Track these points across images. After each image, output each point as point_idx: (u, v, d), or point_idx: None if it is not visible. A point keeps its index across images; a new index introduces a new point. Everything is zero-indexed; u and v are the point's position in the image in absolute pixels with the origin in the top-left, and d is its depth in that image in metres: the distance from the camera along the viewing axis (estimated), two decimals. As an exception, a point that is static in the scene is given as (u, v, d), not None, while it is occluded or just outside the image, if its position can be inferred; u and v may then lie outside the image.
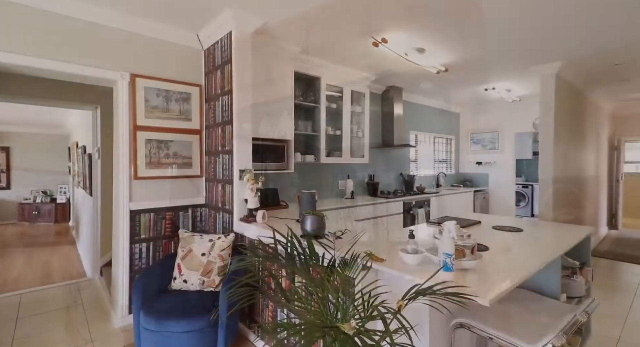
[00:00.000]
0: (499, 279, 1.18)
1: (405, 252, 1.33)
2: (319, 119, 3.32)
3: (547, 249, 1.59)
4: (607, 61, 3.26)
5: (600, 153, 5.46)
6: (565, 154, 3.84)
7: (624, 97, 4.97)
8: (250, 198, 2.20)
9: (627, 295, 2.92)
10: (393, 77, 3.91)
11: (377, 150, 4.47)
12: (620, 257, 4.10)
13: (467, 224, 2.14)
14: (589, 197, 4.78)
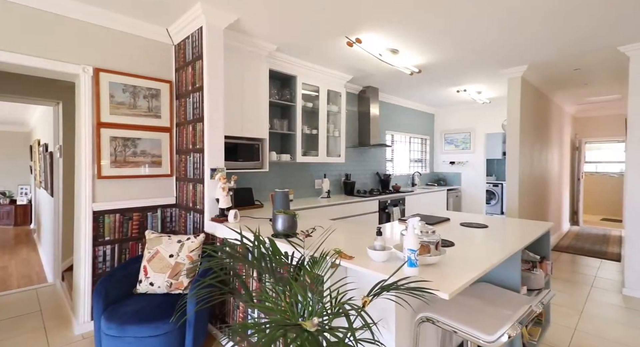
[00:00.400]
0: (460, 273, 1.22)
1: (372, 250, 1.34)
2: (295, 117, 3.30)
3: (509, 244, 1.66)
4: (567, 66, 3.46)
5: (563, 153, 5.79)
6: (531, 154, 4.04)
7: (584, 101, 5.30)
8: (222, 197, 2.15)
9: (585, 287, 3.11)
10: (369, 77, 3.96)
11: (353, 150, 4.52)
12: (579, 252, 4.37)
13: (436, 221, 2.20)
14: (552, 195, 5.06)
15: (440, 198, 5.36)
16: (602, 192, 7.25)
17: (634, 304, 2.72)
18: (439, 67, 3.51)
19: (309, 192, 3.90)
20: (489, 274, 1.82)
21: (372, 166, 4.89)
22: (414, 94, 4.92)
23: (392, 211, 4.18)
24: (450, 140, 6.14)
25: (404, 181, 5.62)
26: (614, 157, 7.09)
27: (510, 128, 3.67)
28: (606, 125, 6.62)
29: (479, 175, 5.77)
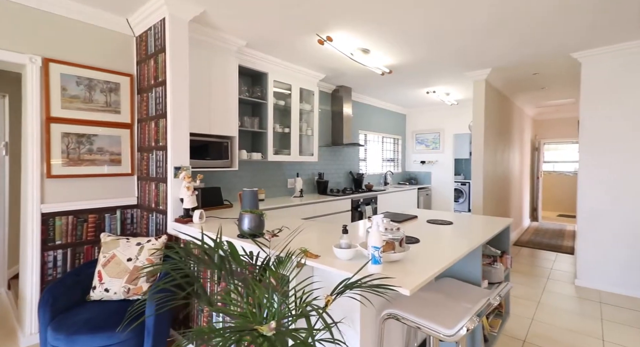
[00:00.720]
0: (423, 269, 1.23)
1: (338, 248, 1.33)
2: (266, 115, 3.24)
3: (470, 239, 1.72)
4: (527, 71, 3.66)
5: (524, 153, 6.14)
6: (494, 154, 4.24)
7: (543, 104, 5.64)
8: (186, 197, 2.06)
9: (542, 279, 3.31)
10: (342, 76, 3.98)
11: (326, 149, 4.52)
12: (538, 246, 4.65)
13: (404, 219, 2.24)
14: (514, 192, 5.35)
15: (411, 196, 5.50)
16: (558, 190, 7.77)
17: (584, 294, 2.92)
18: (409, 68, 3.59)
19: (282, 192, 3.85)
20: (453, 269, 1.87)
21: (346, 165, 4.92)
22: (387, 94, 5.00)
23: (364, 210, 4.23)
24: (421, 140, 6.32)
25: (377, 180, 5.71)
26: (569, 157, 7.62)
27: (476, 129, 3.83)
28: (562, 127, 7.10)
29: (447, 174, 5.98)
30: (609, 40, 2.79)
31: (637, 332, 2.24)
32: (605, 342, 2.10)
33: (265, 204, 3.07)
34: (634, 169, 2.84)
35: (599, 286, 3.02)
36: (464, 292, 1.57)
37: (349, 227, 2.05)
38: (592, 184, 3.06)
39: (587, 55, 3.02)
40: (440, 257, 1.39)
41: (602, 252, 3.01)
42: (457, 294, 1.54)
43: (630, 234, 2.87)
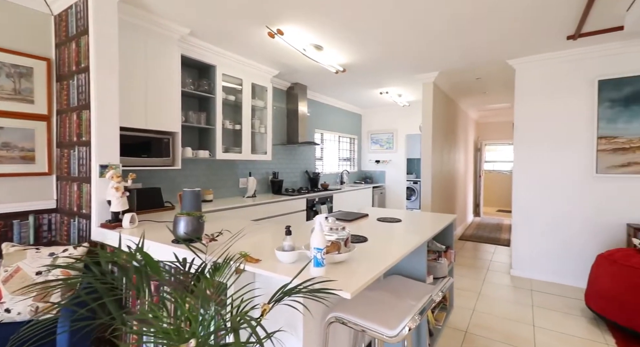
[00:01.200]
0: (368, 269, 1.20)
1: (280, 250, 1.25)
2: (214, 111, 3.04)
3: (416, 236, 1.74)
4: (470, 75, 3.89)
5: (468, 154, 6.59)
6: (441, 154, 4.47)
7: (484, 108, 6.10)
8: (114, 199, 1.83)
9: (483, 270, 3.54)
10: (296, 73, 3.89)
11: (281, 148, 4.41)
12: (479, 240, 5.00)
13: (355, 218, 2.22)
14: (459, 190, 5.71)
15: (366, 195, 5.60)
16: (497, 187, 8.50)
17: (518, 283, 3.18)
18: (363, 68, 3.62)
19: (233, 192, 3.66)
20: (400, 266, 1.89)
21: (302, 164, 4.85)
22: (342, 93, 5.03)
23: (319, 209, 4.19)
24: (375, 140, 6.48)
25: (333, 179, 5.73)
26: (506, 158, 8.37)
27: (425, 129, 3.99)
28: (500, 130, 7.77)
29: (400, 173, 6.20)
30: (538, 50, 3.06)
31: (561, 316, 2.47)
32: (535, 328, 2.29)
33: (214, 205, 2.88)
34: (559, 168, 3.16)
35: (531, 274, 3.31)
36: (410, 289, 1.58)
37: (302, 227, 1.98)
38: (524, 181, 3.35)
39: (520, 62, 3.28)
40: (386, 256, 1.38)
41: (533, 244, 3.30)
42: (402, 291, 1.55)
43: (556, 228, 3.18)
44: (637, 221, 2.81)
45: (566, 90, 3.10)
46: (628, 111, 2.81)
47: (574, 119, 3.06)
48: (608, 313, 2.22)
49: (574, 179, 3.08)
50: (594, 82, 2.94)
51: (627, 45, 2.79)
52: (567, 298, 2.79)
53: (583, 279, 3.05)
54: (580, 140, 3.04)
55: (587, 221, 3.02)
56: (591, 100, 2.98)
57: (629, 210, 2.84)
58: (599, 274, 2.36)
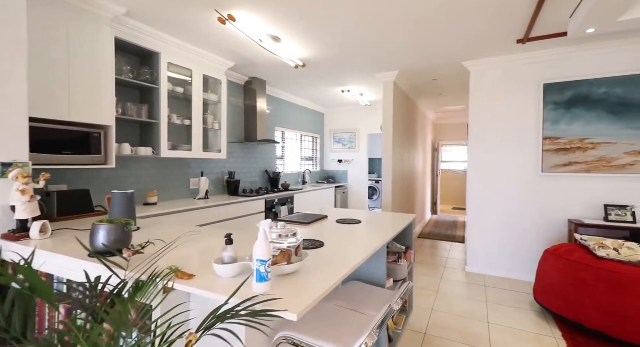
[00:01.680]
0: (321, 280, 1.06)
1: (219, 263, 1.06)
2: (158, 103, 2.73)
3: (376, 238, 1.64)
4: (427, 76, 3.95)
5: (426, 153, 6.80)
6: (401, 154, 4.51)
7: (441, 109, 6.31)
8: (19, 204, 1.50)
9: (440, 268, 3.61)
10: (254, 67, 3.66)
11: (239, 146, 4.15)
12: (437, 237, 5.15)
13: (313, 220, 2.08)
14: (418, 189, 5.85)
15: (328, 195, 5.51)
16: (452, 186, 8.92)
17: (472, 279, 3.26)
18: (323, 64, 3.50)
19: (183, 193, 3.34)
20: (359, 270, 1.78)
21: (261, 164, 4.62)
22: (303, 90, 4.88)
23: (279, 210, 4.01)
24: (338, 139, 6.42)
25: (295, 178, 5.56)
26: (461, 157, 8.80)
27: (385, 128, 3.98)
28: (456, 131, 8.15)
29: (362, 172, 6.21)
30: (491, 53, 3.16)
31: (512, 311, 2.54)
32: (489, 325, 2.32)
33: (158, 209, 2.57)
34: (509, 167, 3.29)
35: (485, 270, 3.42)
36: (369, 297, 1.47)
37: (252, 231, 1.78)
38: (478, 180, 3.45)
39: (474, 64, 3.38)
40: (344, 262, 1.25)
41: (486, 241, 3.42)
42: (361, 300, 1.43)
43: (507, 225, 3.32)
44: (576, 217, 3.01)
45: (516, 92, 3.24)
46: (569, 113, 2.99)
47: (523, 120, 3.21)
48: (554, 306, 2.32)
49: (523, 178, 3.23)
50: (540, 85, 3.10)
51: (569, 51, 2.97)
52: (517, 292, 2.91)
53: (532, 273, 3.21)
54: (529, 141, 3.19)
55: (535, 218, 3.18)
56: (537, 102, 3.14)
57: (570, 206, 3.03)
58: (545, 269, 2.46)
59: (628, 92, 2.78)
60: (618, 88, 2.81)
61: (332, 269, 1.18)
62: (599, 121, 2.89)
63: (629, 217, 2.71)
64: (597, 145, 2.89)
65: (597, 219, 2.92)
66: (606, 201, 2.90)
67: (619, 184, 2.85)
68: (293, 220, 2.05)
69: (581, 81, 2.93)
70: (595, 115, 2.90)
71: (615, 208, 2.78)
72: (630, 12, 2.05)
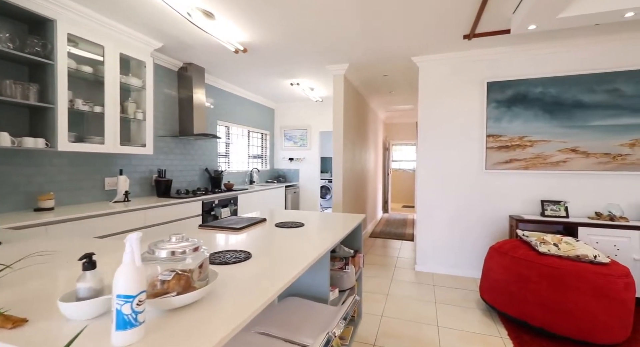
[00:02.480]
0: (236, 310, 0.76)
1: (69, 300, 0.71)
2: (54, 83, 2.18)
3: (319, 244, 1.39)
4: (378, 71, 3.84)
5: (378, 152, 6.81)
6: (353, 152, 4.36)
7: (391, 108, 6.35)
8: None
9: (390, 268, 3.51)
10: (189, 50, 3.21)
11: (172, 140, 3.64)
12: (388, 236, 5.12)
13: (248, 224, 1.76)
14: (370, 188, 5.79)
15: (278, 195, 5.19)
16: (403, 185, 9.15)
17: (422, 279, 3.20)
18: (268, 51, 3.18)
19: (96, 196, 2.78)
20: (299, 283, 1.52)
21: (200, 161, 4.14)
22: (251, 82, 4.49)
23: (219, 213, 3.59)
24: (289, 136, 6.12)
25: (242, 178, 5.14)
26: (410, 157, 9.06)
27: (336, 124, 3.78)
28: (405, 131, 8.34)
29: (314, 171, 5.99)
30: (439, 49, 3.12)
31: (460, 311, 2.48)
32: (439, 328, 2.21)
33: (51, 215, 2.04)
34: (457, 164, 3.29)
35: (434, 268, 3.39)
36: (307, 318, 1.21)
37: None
38: (426, 177, 3.41)
39: (423, 60, 3.32)
40: (274, 278, 0.96)
41: (435, 239, 3.39)
42: (298, 322, 1.16)
43: (454, 222, 3.32)
44: (517, 213, 3.09)
45: (463, 90, 3.25)
46: (510, 112, 3.06)
47: (469, 118, 3.23)
48: (500, 304, 2.29)
49: (470, 175, 3.24)
50: (484, 84, 3.14)
51: (511, 51, 3.03)
52: (465, 291, 2.88)
53: (477, 269, 3.24)
54: (474, 138, 3.21)
55: (479, 214, 3.22)
56: (482, 100, 3.17)
57: (511, 203, 3.11)
58: (491, 266, 2.44)
59: (561, 93, 2.91)
60: (552, 88, 2.93)
61: (257, 288, 0.89)
62: (536, 120, 2.99)
63: (563, 212, 2.83)
64: (535, 143, 2.99)
65: (535, 214, 3.02)
66: (543, 196, 3.01)
67: (553, 181, 2.98)
68: (222, 226, 1.71)
69: (521, 81, 3.01)
70: (533, 114, 2.99)
71: (550, 204, 2.89)
72: (569, 9, 2.07)
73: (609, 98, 2.78)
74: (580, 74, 2.85)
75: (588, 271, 1.98)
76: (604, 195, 2.84)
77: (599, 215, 2.74)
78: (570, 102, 2.88)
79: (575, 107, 2.87)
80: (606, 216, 2.70)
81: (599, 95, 2.80)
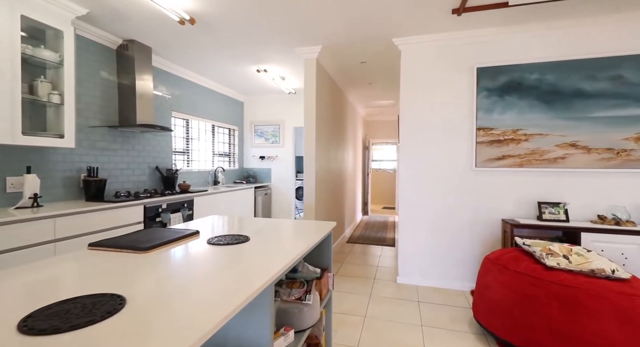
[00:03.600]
0: None
1: None
2: None
3: (261, 272, 0.90)
4: (355, 55, 3.39)
5: (357, 151, 6.40)
6: (328, 150, 3.89)
7: (371, 104, 5.95)
8: None
9: (369, 281, 3.06)
10: (126, 23, 2.63)
11: (110, 132, 3.02)
12: (367, 241, 4.69)
13: (165, 241, 1.24)
14: (348, 189, 5.35)
15: (247, 197, 4.64)
16: (383, 186, 8.80)
17: (405, 293, 2.77)
18: (221, 24, 2.65)
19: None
20: (226, 333, 1.01)
21: (149, 158, 3.54)
22: (213, 69, 3.93)
23: (168, 219, 3.01)
24: (260, 132, 5.59)
25: (204, 178, 4.55)
26: (390, 157, 8.73)
27: (307, 117, 3.30)
28: (386, 129, 8.00)
29: (289, 171, 5.48)
30: (423, 28, 2.71)
31: (451, 336, 2.06)
32: (428, 365, 1.78)
33: None
34: (443, 162, 2.89)
35: (418, 280, 2.97)
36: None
37: (114, 259, 0.87)
38: (409, 176, 3.00)
39: (405, 42, 2.91)
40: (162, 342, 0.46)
41: (419, 245, 2.98)
42: None
43: (440, 226, 2.92)
44: (509, 216, 2.73)
45: (450, 77, 2.86)
46: (502, 102, 2.70)
47: (457, 109, 2.84)
48: (499, 330, 1.88)
49: (457, 174, 2.86)
50: (474, 70, 2.76)
51: (503, 32, 2.67)
52: (453, 308, 2.48)
53: (466, 280, 2.85)
54: (463, 132, 2.83)
55: (469, 218, 2.83)
56: (471, 88, 2.79)
57: (503, 204, 2.74)
58: (487, 282, 2.04)
59: (559, 80, 2.57)
60: (549, 75, 2.59)
61: None
62: (531, 110, 2.63)
63: (562, 215, 2.48)
64: (530, 137, 2.64)
65: (530, 217, 2.67)
66: (538, 197, 2.66)
67: (550, 179, 2.64)
68: (122, 245, 1.18)
69: (514, 66, 2.66)
70: (528, 104, 2.64)
71: (548, 206, 2.54)
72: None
73: (612, 86, 2.46)
74: (580, 59, 2.52)
75: (608, 290, 1.61)
76: (606, 195, 2.52)
77: (603, 218, 2.41)
78: (569, 91, 2.55)
79: (575, 97, 2.54)
80: (611, 220, 2.38)
81: (601, 83, 2.48)
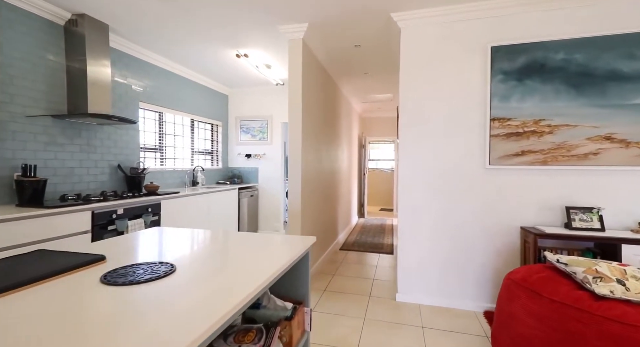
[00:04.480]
0: None
1: None
2: None
3: (183, 329, 0.45)
4: (348, 38, 2.95)
5: (352, 150, 5.95)
6: (319, 145, 3.44)
7: (368, 98, 5.50)
8: None
9: (364, 299, 2.62)
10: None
11: (55, 124, 2.54)
12: (363, 247, 4.24)
13: (64, 269, 0.78)
14: (343, 191, 4.90)
15: (229, 199, 4.18)
16: (380, 186, 8.36)
17: (406, 316, 2.32)
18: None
19: None
20: None
21: (110, 156, 3.06)
22: (189, 56, 3.46)
23: (125, 227, 2.54)
24: (246, 128, 5.12)
25: (181, 178, 4.08)
26: (388, 156, 8.29)
27: (292, 108, 2.84)
28: (383, 126, 7.56)
29: (277, 170, 5.02)
30: (428, 2, 2.26)
31: (466, 379, 1.62)
32: None
33: None
34: (450, 159, 2.45)
35: (420, 298, 2.52)
36: None
37: None
38: (410, 179, 2.55)
39: (406, 18, 2.46)
40: None
41: (420, 256, 2.53)
42: None
43: (446, 236, 2.47)
44: (531, 223, 2.29)
45: (459, 58, 2.41)
46: (521, 86, 2.26)
47: (467, 97, 2.40)
48: (532, 376, 1.44)
49: (467, 173, 2.42)
50: (487, 49, 2.32)
51: (522, 3, 2.23)
52: (465, 336, 2.03)
53: (480, 299, 2.40)
54: (473, 124, 2.39)
55: (481, 225, 2.39)
56: (484, 72, 2.35)
57: (522, 210, 2.30)
58: (512, 311, 1.59)
59: (590, 60, 2.14)
60: (578, 54, 2.16)
61: None
62: (557, 97, 2.20)
63: (596, 223, 2.05)
64: (555, 129, 2.21)
65: (555, 225, 2.23)
66: (565, 201, 2.23)
67: (580, 180, 2.20)
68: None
69: (536, 44, 2.22)
70: (553, 90, 2.20)
71: (579, 211, 2.10)
72: None
73: (657, 66, 2.03)
74: (615, 34, 2.09)
75: (687, 332, 1.17)
76: (648, 199, 2.09)
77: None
78: (602, 73, 2.12)
79: (610, 80, 2.11)
80: (657, 229, 1.95)
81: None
